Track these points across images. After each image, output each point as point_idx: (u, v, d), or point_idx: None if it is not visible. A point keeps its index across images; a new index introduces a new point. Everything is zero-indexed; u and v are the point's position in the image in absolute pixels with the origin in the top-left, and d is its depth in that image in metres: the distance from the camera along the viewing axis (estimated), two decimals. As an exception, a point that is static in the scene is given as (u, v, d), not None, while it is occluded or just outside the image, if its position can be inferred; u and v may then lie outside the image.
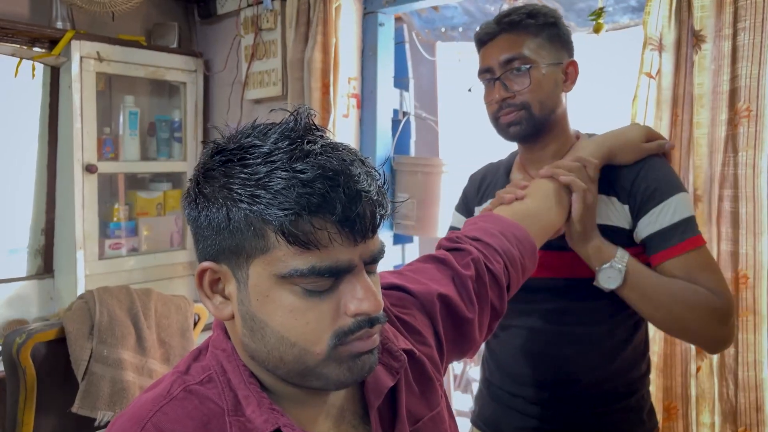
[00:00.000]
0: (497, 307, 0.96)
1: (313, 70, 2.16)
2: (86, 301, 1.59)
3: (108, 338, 1.57)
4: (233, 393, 0.71)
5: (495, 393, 1.32)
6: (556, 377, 1.23)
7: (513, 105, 1.19)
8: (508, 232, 1.01)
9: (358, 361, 0.69)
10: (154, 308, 1.68)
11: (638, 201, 1.15)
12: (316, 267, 0.64)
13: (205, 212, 0.68)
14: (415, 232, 2.42)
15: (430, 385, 0.84)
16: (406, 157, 2.45)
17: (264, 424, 0.68)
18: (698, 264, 1.11)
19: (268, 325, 0.68)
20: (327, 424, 0.76)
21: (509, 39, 1.19)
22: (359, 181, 0.65)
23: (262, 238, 0.65)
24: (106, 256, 2.44)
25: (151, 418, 0.68)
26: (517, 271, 0.99)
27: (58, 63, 2.28)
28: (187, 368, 0.75)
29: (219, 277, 0.71)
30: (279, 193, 0.63)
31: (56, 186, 2.40)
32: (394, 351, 0.79)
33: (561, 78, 1.21)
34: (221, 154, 0.68)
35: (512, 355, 1.27)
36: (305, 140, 0.66)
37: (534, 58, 1.18)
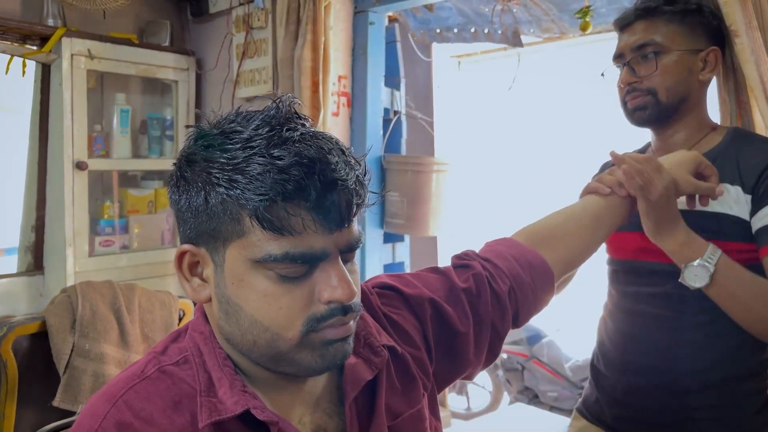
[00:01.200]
0: (499, 328, 0.93)
1: (302, 69, 2.17)
2: (69, 295, 1.60)
3: (90, 332, 1.57)
4: (207, 374, 0.72)
5: (599, 380, 1.32)
6: (654, 363, 1.21)
7: (639, 90, 1.21)
8: (521, 258, 0.97)
9: (330, 348, 0.70)
10: (138, 303, 1.68)
11: (762, 191, 1.11)
12: (290, 253, 0.65)
13: (185, 195, 0.69)
14: (406, 231, 2.43)
15: (412, 383, 0.84)
16: (396, 155, 2.46)
17: (234, 406, 0.68)
18: None
19: (243, 308, 0.69)
20: (301, 410, 0.76)
21: (643, 25, 1.21)
22: (336, 169, 0.66)
23: (238, 222, 0.66)
24: (97, 254, 2.44)
25: (122, 395, 0.70)
26: (526, 297, 0.95)
27: (49, 60, 2.29)
28: (164, 349, 0.76)
29: (198, 260, 0.72)
30: (255, 178, 0.64)
31: (46, 183, 2.41)
32: (375, 346, 0.80)
33: (698, 66, 1.21)
34: (204, 139, 0.69)
35: (615, 339, 1.28)
36: (285, 128, 0.67)
37: (666, 44, 1.19)
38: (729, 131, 1.24)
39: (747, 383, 1.19)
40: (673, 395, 1.20)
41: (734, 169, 1.15)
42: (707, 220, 1.14)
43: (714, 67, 1.22)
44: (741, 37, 1.25)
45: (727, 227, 1.14)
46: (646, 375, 1.22)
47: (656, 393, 1.21)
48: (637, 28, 1.22)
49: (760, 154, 1.14)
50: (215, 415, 0.68)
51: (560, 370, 3.54)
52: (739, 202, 1.14)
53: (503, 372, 3.86)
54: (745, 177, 1.14)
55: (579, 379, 3.46)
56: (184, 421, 0.69)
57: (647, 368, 1.22)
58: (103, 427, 0.67)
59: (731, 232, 1.13)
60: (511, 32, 2.72)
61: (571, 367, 3.49)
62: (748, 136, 1.22)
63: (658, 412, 1.22)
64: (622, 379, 1.26)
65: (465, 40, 2.91)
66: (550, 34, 2.68)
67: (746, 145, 1.18)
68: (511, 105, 3.90)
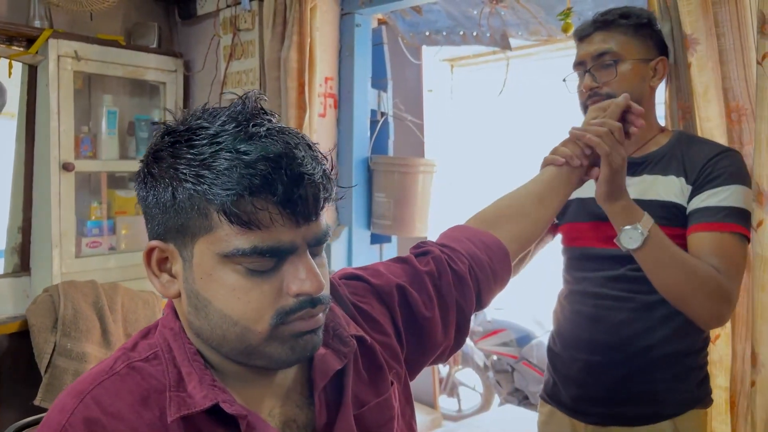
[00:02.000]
0: (464, 307, 0.97)
1: (288, 70, 2.18)
2: (50, 295, 1.60)
3: (72, 332, 1.57)
4: (177, 370, 0.72)
5: (555, 362, 1.42)
6: (609, 340, 1.31)
7: (599, 94, 1.32)
8: (476, 239, 1.02)
9: (300, 340, 0.71)
10: (121, 303, 1.69)
11: (700, 182, 1.25)
12: (258, 247, 0.66)
13: (152, 192, 0.70)
14: (392, 232, 2.43)
15: (380, 372, 0.85)
16: (383, 156, 2.47)
17: (203, 400, 0.69)
18: (723, 248, 1.19)
19: (212, 303, 0.69)
20: (272, 403, 0.77)
21: (601, 36, 1.33)
22: (302, 163, 0.66)
23: (206, 217, 0.67)
24: (83, 255, 2.43)
25: (90, 391, 0.70)
26: (485, 274, 1.00)
27: (36, 62, 2.29)
28: (134, 345, 0.77)
29: (166, 256, 0.73)
30: (222, 173, 0.65)
31: (33, 184, 2.40)
32: (344, 337, 0.81)
33: (649, 73, 1.34)
34: (171, 135, 0.70)
35: (571, 320, 1.38)
36: (251, 123, 0.67)
37: (622, 53, 1.31)
38: (675, 133, 1.38)
39: (692, 358, 1.31)
40: (624, 371, 1.30)
41: (680, 165, 1.29)
42: (657, 208, 1.27)
43: (662, 75, 1.36)
44: (701, 44, 1.35)
45: (673, 214, 1.27)
46: (600, 352, 1.32)
47: (609, 369, 1.31)
48: (595, 38, 1.34)
49: (701, 153, 1.28)
50: (184, 409, 0.69)
51: (549, 371, 3.54)
52: (683, 192, 1.27)
53: (493, 374, 3.87)
54: (689, 171, 1.27)
55: (568, 380, 3.46)
56: (153, 416, 0.69)
57: (602, 345, 1.32)
58: (71, 423, 0.68)
59: (675, 218, 1.26)
60: (500, 35, 2.74)
61: (560, 369, 3.50)
62: (691, 137, 1.36)
63: (610, 387, 1.32)
64: (578, 356, 1.35)
65: (454, 43, 2.92)
66: (538, 36, 2.69)
67: (690, 145, 1.32)
68: (503, 108, 3.92)
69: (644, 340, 1.29)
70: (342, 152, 2.44)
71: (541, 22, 2.58)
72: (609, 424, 1.33)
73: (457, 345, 0.99)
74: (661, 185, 1.30)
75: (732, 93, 1.36)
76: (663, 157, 1.32)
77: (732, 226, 1.20)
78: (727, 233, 1.20)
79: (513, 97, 3.69)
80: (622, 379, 1.31)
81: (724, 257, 1.19)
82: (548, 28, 2.59)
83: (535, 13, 2.56)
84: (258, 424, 0.71)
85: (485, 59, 4.06)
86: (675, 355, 1.29)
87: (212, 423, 0.70)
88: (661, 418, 1.29)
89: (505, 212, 1.10)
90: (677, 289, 1.20)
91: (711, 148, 1.30)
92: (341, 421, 0.77)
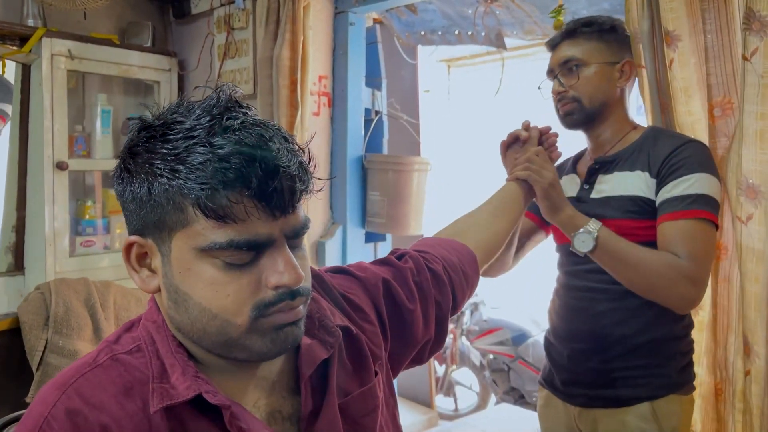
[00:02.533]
0: (442, 304, 1.00)
1: (280, 68, 2.18)
2: (42, 292, 1.60)
3: (64, 329, 1.57)
4: (160, 362, 0.73)
5: (550, 350, 1.52)
6: (590, 330, 1.39)
7: (567, 98, 1.43)
8: (445, 244, 1.09)
9: (280, 332, 0.71)
10: (113, 300, 1.69)
11: (663, 174, 1.31)
12: (235, 240, 0.66)
13: (129, 187, 0.70)
14: (387, 230, 2.43)
15: (364, 362, 0.86)
16: (377, 155, 2.47)
17: (186, 391, 0.69)
18: (689, 234, 1.25)
19: (191, 297, 0.70)
20: (257, 395, 0.77)
21: (568, 44, 1.43)
22: (277, 156, 0.66)
23: (182, 212, 0.67)
24: (78, 254, 2.43)
25: (73, 383, 0.70)
26: (458, 275, 1.04)
27: (29, 60, 2.29)
28: (117, 338, 0.77)
29: (146, 251, 0.73)
30: (196, 167, 0.65)
31: (27, 183, 2.40)
32: (330, 327, 0.81)
33: (615, 75, 1.42)
34: (146, 131, 0.70)
35: (558, 311, 1.48)
36: (225, 117, 0.67)
37: (585, 59, 1.41)
38: (646, 130, 1.43)
39: (671, 345, 1.37)
40: (606, 357, 1.38)
41: (645, 159, 1.35)
42: (626, 202, 1.35)
43: (629, 76, 1.43)
44: (683, 41, 1.39)
45: (641, 208, 1.33)
46: (585, 340, 1.41)
47: (594, 356, 1.40)
48: (562, 47, 1.44)
49: (665, 147, 1.34)
50: (167, 400, 0.69)
51: (545, 370, 3.54)
52: (649, 186, 1.33)
53: (490, 373, 3.87)
54: (653, 165, 1.33)
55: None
56: (136, 408, 0.69)
57: (586, 334, 1.41)
58: (53, 415, 0.68)
59: (644, 212, 1.33)
60: (495, 34, 2.74)
61: (555, 367, 3.50)
62: (660, 133, 1.41)
63: (595, 372, 1.40)
64: (567, 345, 1.45)
65: (449, 43, 2.92)
66: (533, 36, 2.69)
67: (657, 140, 1.38)
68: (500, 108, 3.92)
69: (621, 329, 1.36)
70: (336, 151, 2.44)
71: (536, 22, 2.58)
72: (593, 406, 1.42)
73: (438, 342, 1.02)
74: (629, 181, 1.36)
75: (717, 89, 1.38)
76: (632, 154, 1.39)
77: (697, 213, 1.25)
78: (692, 219, 1.25)
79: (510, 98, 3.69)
80: (602, 365, 1.39)
81: (690, 243, 1.24)
82: (543, 27, 2.59)
83: (530, 12, 2.56)
84: (242, 415, 0.72)
85: (482, 60, 4.06)
86: (652, 342, 1.35)
87: (196, 414, 0.71)
88: (639, 401, 1.35)
89: (465, 226, 1.19)
90: (638, 281, 1.28)
91: (674, 140, 1.34)
92: (326, 410, 0.78)
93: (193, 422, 0.70)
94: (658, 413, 1.34)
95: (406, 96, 3.62)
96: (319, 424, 0.77)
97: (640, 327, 1.35)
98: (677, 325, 1.37)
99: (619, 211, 1.35)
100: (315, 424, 0.77)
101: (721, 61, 1.36)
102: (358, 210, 2.45)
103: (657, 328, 1.35)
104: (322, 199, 2.42)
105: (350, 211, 2.42)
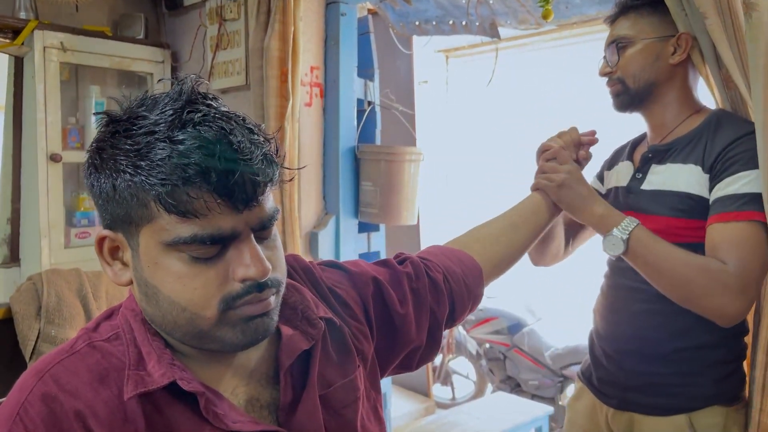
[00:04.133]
0: (437, 313, 0.99)
1: (269, 59, 2.18)
2: (34, 283, 1.62)
3: (56, 319, 1.59)
4: (137, 350, 0.74)
5: (592, 346, 1.45)
6: (626, 331, 1.33)
7: (612, 80, 1.34)
8: (450, 254, 1.07)
9: (251, 324, 0.72)
10: (105, 290, 1.70)
11: (717, 170, 1.19)
12: (198, 235, 0.67)
13: (96, 183, 0.71)
14: (380, 220, 2.44)
15: (347, 354, 0.86)
16: (369, 145, 2.47)
17: (161, 378, 0.70)
18: (735, 238, 1.12)
19: (160, 290, 0.71)
20: (234, 382, 0.78)
21: (618, 22, 1.34)
22: (238, 149, 0.67)
23: (146, 207, 0.68)
24: (73, 245, 2.45)
25: (49, 370, 0.71)
26: (459, 287, 1.03)
27: (22, 53, 2.30)
28: (96, 326, 0.78)
29: (117, 245, 0.74)
30: (157, 164, 0.65)
31: (21, 175, 2.41)
32: (312, 319, 0.82)
33: (668, 51, 1.29)
34: (112, 125, 0.71)
35: (599, 309, 1.42)
36: (186, 110, 0.68)
37: (631, 36, 1.30)
38: (711, 114, 1.29)
39: (709, 353, 1.25)
40: (643, 360, 1.30)
41: (701, 151, 1.23)
42: (674, 199, 1.24)
43: (684, 50, 1.28)
44: (710, 18, 1.24)
45: (690, 206, 1.22)
46: (622, 341, 1.34)
47: (629, 358, 1.32)
48: (616, 24, 1.35)
49: (723, 137, 1.20)
50: (141, 386, 0.70)
51: (541, 358, 3.57)
52: (701, 182, 1.21)
53: (486, 362, 3.89)
54: (707, 158, 1.21)
55: (559, 367, 3.49)
56: (111, 394, 0.70)
57: (623, 335, 1.34)
58: (29, 401, 0.69)
59: (693, 210, 1.21)
60: (488, 24, 2.74)
61: (551, 356, 3.52)
62: (723, 118, 1.26)
63: (631, 375, 1.32)
64: (605, 345, 1.38)
65: (443, 33, 2.92)
66: (526, 25, 2.69)
67: (719, 129, 1.23)
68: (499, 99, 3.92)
69: (656, 332, 1.27)
70: (328, 141, 2.44)
71: (529, 11, 2.58)
72: (626, 410, 1.34)
73: (429, 350, 1.00)
74: (681, 175, 1.24)
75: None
76: (689, 143, 1.26)
77: (751, 215, 1.12)
78: (745, 222, 1.12)
79: (507, 88, 3.69)
80: (637, 368, 1.31)
81: (738, 249, 1.12)
82: (536, 17, 2.59)
83: (523, 1, 2.56)
84: (217, 400, 0.73)
85: (480, 50, 4.05)
86: (689, 349, 1.25)
87: (172, 401, 0.72)
88: (675, 411, 1.26)
89: (479, 237, 1.14)
90: (671, 290, 1.17)
91: (734, 130, 1.20)
92: (306, 400, 0.79)
93: (170, 409, 0.71)
94: (696, 426, 1.24)
95: (401, 87, 3.62)
96: (298, 415, 0.78)
97: (676, 331, 1.25)
98: (721, 331, 1.21)
99: (666, 208, 1.24)
100: (294, 414, 0.78)
101: None
102: (351, 200, 2.46)
103: (696, 334, 1.24)
104: (315, 189, 2.43)
105: (343, 201, 2.43)
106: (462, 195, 4.28)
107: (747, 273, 1.11)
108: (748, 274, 1.11)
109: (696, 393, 1.25)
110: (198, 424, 0.71)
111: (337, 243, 2.45)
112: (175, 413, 0.71)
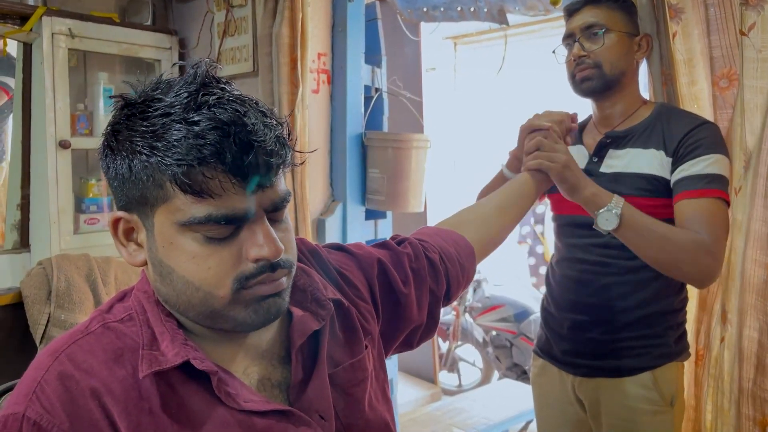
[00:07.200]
0: (436, 292, 1.02)
1: (280, 45, 2.18)
2: (44, 267, 1.63)
3: (66, 303, 1.60)
4: (150, 330, 0.75)
5: (548, 320, 1.55)
6: (594, 302, 1.43)
7: (587, 63, 1.41)
8: (444, 234, 1.10)
9: (263, 303, 0.74)
10: (114, 275, 1.72)
11: (680, 154, 1.32)
12: (213, 215, 0.68)
13: (112, 165, 0.72)
14: (387, 207, 2.45)
15: (355, 335, 0.88)
16: (377, 132, 2.47)
17: (174, 357, 0.72)
18: (708, 211, 1.26)
19: (175, 270, 0.72)
20: (246, 362, 0.80)
21: (591, 10, 1.42)
22: (252, 131, 0.68)
23: (161, 187, 0.69)
24: (82, 231, 2.46)
25: (65, 349, 0.73)
26: (454, 266, 1.06)
27: (30, 39, 2.30)
28: (110, 307, 0.80)
29: (132, 226, 0.75)
30: (173, 144, 0.67)
31: (31, 162, 2.43)
32: (322, 300, 0.84)
33: (633, 48, 1.42)
34: (128, 108, 0.72)
35: (561, 283, 1.51)
36: (201, 93, 0.69)
37: (610, 25, 1.40)
38: (657, 106, 1.44)
39: (669, 318, 1.42)
40: (609, 328, 1.43)
41: (660, 138, 1.37)
42: (640, 180, 1.36)
43: (646, 50, 1.44)
44: (687, 12, 1.39)
45: (655, 186, 1.35)
46: (587, 312, 1.45)
47: (595, 327, 1.44)
48: (585, 12, 1.43)
49: (680, 126, 1.35)
50: (155, 365, 0.71)
51: (547, 346, 3.57)
52: (663, 165, 1.35)
53: (492, 349, 3.90)
54: (668, 143, 1.35)
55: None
56: (126, 373, 0.72)
57: (588, 306, 1.44)
58: (46, 379, 0.70)
59: (657, 190, 1.35)
60: (497, 10, 2.72)
61: (557, 344, 3.52)
62: (672, 110, 1.42)
63: (596, 343, 1.44)
64: (568, 316, 1.48)
65: (451, 19, 2.90)
66: (535, 11, 2.67)
67: (670, 118, 1.39)
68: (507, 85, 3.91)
69: (624, 302, 1.40)
70: (336, 128, 2.44)
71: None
72: (595, 376, 1.46)
73: (428, 328, 1.04)
74: (643, 158, 1.37)
75: (721, 61, 1.39)
76: (645, 131, 1.40)
77: (715, 192, 1.27)
78: (711, 198, 1.27)
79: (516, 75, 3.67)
80: (604, 336, 1.43)
81: (710, 220, 1.26)
82: (545, 3, 2.58)
83: (532, -13, 2.54)
84: (229, 380, 0.74)
85: (489, 36, 4.03)
86: (653, 315, 1.40)
87: (186, 379, 0.73)
88: (641, 371, 1.41)
89: (469, 217, 1.19)
90: (663, 258, 1.27)
91: (689, 120, 1.36)
92: (316, 379, 0.80)
93: (183, 387, 0.73)
94: (659, 381, 1.40)
95: (409, 73, 3.61)
96: (308, 393, 0.79)
97: (642, 300, 1.39)
98: (676, 298, 1.42)
99: (631, 188, 1.36)
100: (305, 392, 0.79)
101: (724, 33, 1.38)
102: (358, 187, 2.46)
103: (658, 302, 1.40)
104: (322, 176, 2.44)
105: (350, 188, 2.43)
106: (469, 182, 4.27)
107: (720, 241, 1.26)
108: (720, 242, 1.27)
109: (659, 352, 1.41)
110: (210, 403, 0.73)
111: (344, 230, 2.46)
112: (189, 392, 0.73)
